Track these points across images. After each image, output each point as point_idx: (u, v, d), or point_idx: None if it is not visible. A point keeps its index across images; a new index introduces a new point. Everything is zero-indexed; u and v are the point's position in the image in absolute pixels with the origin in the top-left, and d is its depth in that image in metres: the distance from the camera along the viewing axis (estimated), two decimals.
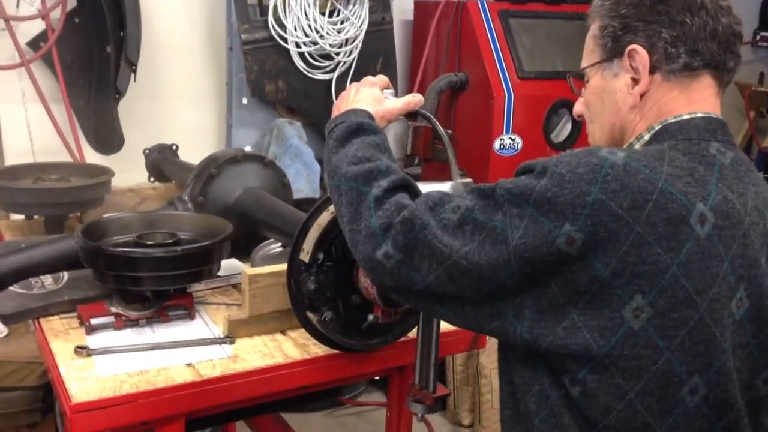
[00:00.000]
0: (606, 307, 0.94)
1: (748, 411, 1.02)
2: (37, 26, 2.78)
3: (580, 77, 1.20)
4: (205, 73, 3.21)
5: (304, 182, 2.86)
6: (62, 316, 1.59)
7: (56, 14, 2.73)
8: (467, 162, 3.22)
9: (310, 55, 3.04)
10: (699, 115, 1.07)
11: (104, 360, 1.41)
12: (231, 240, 1.62)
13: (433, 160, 1.47)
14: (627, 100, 1.10)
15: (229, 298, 1.73)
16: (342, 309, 1.42)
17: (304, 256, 1.38)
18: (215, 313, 1.64)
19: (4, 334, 2.04)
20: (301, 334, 1.53)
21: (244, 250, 1.85)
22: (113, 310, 1.55)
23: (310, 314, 1.41)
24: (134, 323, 1.55)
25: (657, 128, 1.08)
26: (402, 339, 1.51)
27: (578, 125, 3.28)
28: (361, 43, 3.11)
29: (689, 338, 0.94)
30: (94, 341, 1.48)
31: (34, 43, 2.80)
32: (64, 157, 2.78)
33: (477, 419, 3.17)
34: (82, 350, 1.43)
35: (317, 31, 2.99)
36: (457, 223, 1.01)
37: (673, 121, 1.07)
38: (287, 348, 1.51)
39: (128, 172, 2.48)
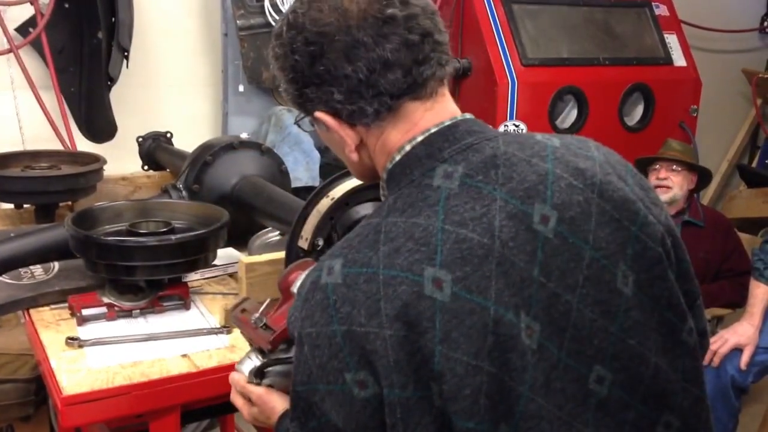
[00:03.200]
0: (420, 419, 0.87)
1: (601, 416, 0.94)
2: (26, 11, 2.73)
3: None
4: (200, 60, 3.17)
5: (303, 170, 2.82)
6: (53, 306, 1.56)
7: None
8: None
9: None
10: (418, 139, 0.97)
11: (96, 351, 1.38)
12: (227, 228, 1.59)
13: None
14: (350, 158, 1.02)
15: (226, 288, 1.70)
16: None
17: (303, 243, 1.35)
18: (211, 303, 1.61)
19: None
20: None
21: (241, 238, 1.82)
22: (105, 300, 1.52)
23: None
24: (127, 314, 1.52)
25: (389, 168, 0.98)
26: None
27: (584, 112, 3.25)
28: None
29: (488, 399, 0.87)
30: (85, 332, 1.45)
31: (23, 29, 2.75)
32: (55, 146, 2.74)
33: None
34: (73, 341, 1.40)
35: None
36: None
37: (397, 160, 0.97)
38: None
39: (121, 160, 2.46)
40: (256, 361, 1.13)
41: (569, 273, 0.93)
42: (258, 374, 1.12)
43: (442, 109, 0.99)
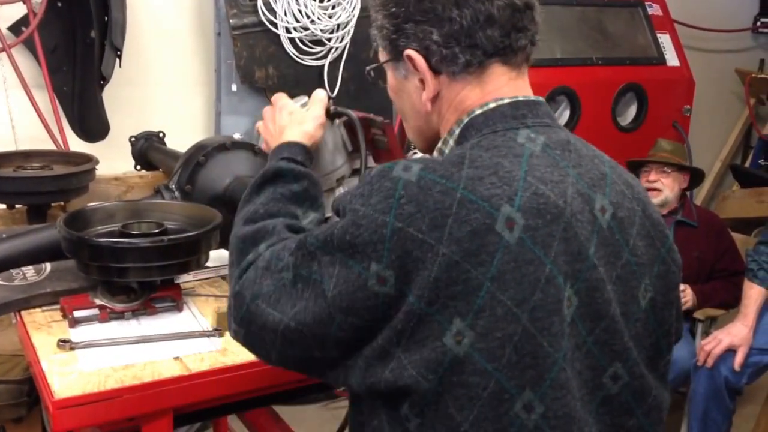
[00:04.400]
0: (428, 339, 0.87)
1: (600, 412, 0.95)
2: (19, 10, 2.71)
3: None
4: (192, 59, 3.16)
5: None
6: (44, 308, 1.54)
7: None
8: None
9: (301, 41, 2.99)
10: (505, 101, 1.00)
11: (88, 354, 1.37)
12: (220, 230, 1.58)
13: (377, 148, 1.42)
14: (421, 105, 1.04)
15: (219, 290, 1.69)
16: None
17: None
18: (204, 305, 1.60)
19: None
20: None
21: None
22: (97, 302, 1.51)
23: None
24: (119, 316, 1.51)
25: (465, 121, 1.01)
26: None
27: (576, 112, 3.26)
28: (353, 28, 3.06)
29: (515, 353, 0.86)
30: (77, 334, 1.44)
31: (16, 28, 2.74)
32: (48, 145, 2.73)
33: None
34: (65, 344, 1.38)
35: (308, 16, 2.94)
36: (291, 282, 0.95)
37: (479, 112, 1.00)
38: None
39: (114, 160, 2.44)
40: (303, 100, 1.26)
41: (610, 266, 0.95)
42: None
43: (524, 85, 1.03)
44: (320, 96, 1.30)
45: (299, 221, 1.10)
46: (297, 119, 1.25)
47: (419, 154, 1.19)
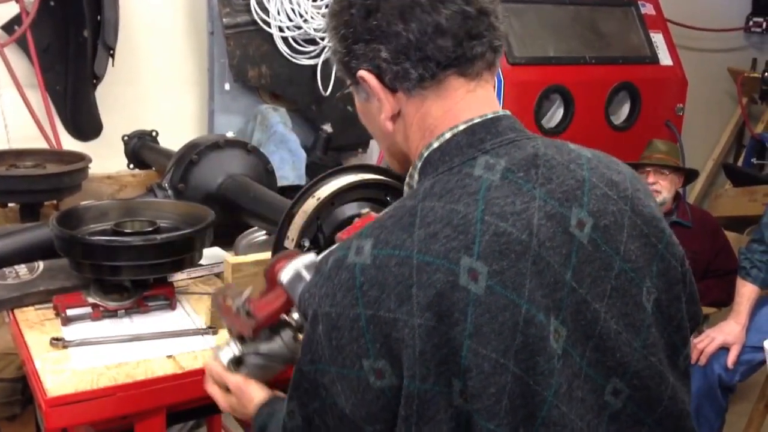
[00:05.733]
0: (438, 413, 0.85)
1: (613, 430, 0.93)
2: (11, 9, 2.70)
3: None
4: (185, 58, 3.15)
5: (290, 169, 2.81)
6: (37, 306, 1.54)
7: None
8: None
9: (294, 40, 2.99)
10: (460, 128, 0.95)
11: (81, 352, 1.37)
12: (213, 228, 1.59)
13: None
14: (385, 127, 0.99)
15: (212, 288, 1.68)
16: None
17: (289, 244, 1.34)
18: (197, 303, 1.60)
19: None
20: None
21: (227, 238, 1.81)
22: (90, 300, 1.51)
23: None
24: (112, 314, 1.51)
25: (423, 159, 0.97)
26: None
27: (570, 111, 3.26)
28: None
29: (510, 402, 0.84)
30: (70, 333, 1.44)
31: (8, 27, 2.72)
32: (41, 144, 2.72)
33: None
34: (57, 342, 1.39)
35: (301, 15, 2.93)
36: (305, 424, 0.93)
37: (435, 146, 0.95)
38: None
39: (107, 159, 2.44)
40: (235, 349, 1.12)
41: (599, 281, 0.92)
42: (236, 362, 1.10)
43: (484, 97, 0.97)
44: (212, 363, 1.17)
45: None
46: (239, 404, 1.15)
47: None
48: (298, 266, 1.07)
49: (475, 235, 0.85)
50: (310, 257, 1.09)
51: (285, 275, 1.06)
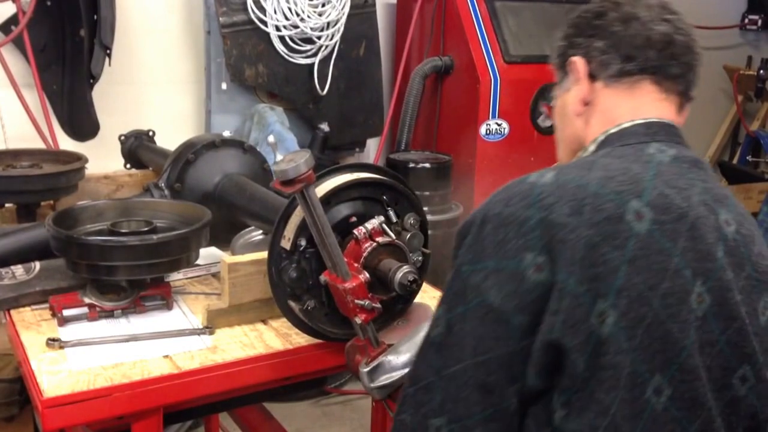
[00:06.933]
0: (576, 320, 0.92)
1: (726, 412, 0.98)
2: (8, 9, 2.70)
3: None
4: (182, 58, 3.15)
5: None
6: (34, 307, 1.54)
7: None
8: (454, 147, 3.19)
9: (291, 39, 2.99)
10: (638, 121, 1.09)
11: (77, 352, 1.37)
12: (210, 227, 1.59)
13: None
14: (574, 108, 1.15)
15: (209, 288, 1.69)
16: (325, 297, 1.38)
17: (285, 243, 1.34)
18: (194, 303, 1.60)
19: None
20: (282, 324, 1.49)
21: (224, 237, 1.81)
22: (87, 300, 1.51)
23: (291, 303, 1.38)
24: (109, 314, 1.51)
25: (600, 139, 1.11)
26: (386, 328, 1.47)
27: None
28: (343, 26, 3.06)
29: (647, 336, 0.92)
30: (66, 333, 1.44)
31: (5, 27, 2.72)
32: (37, 144, 2.72)
33: None
34: (54, 342, 1.38)
35: (298, 14, 2.93)
36: (445, 330, 0.99)
37: (614, 131, 1.10)
38: (269, 338, 1.47)
39: (104, 158, 2.43)
40: None
41: (736, 276, 1.01)
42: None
43: (667, 109, 1.12)
44: None
45: None
46: None
47: None
48: None
49: (645, 188, 0.97)
50: None
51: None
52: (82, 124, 2.82)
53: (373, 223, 1.34)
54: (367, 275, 1.30)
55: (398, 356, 1.25)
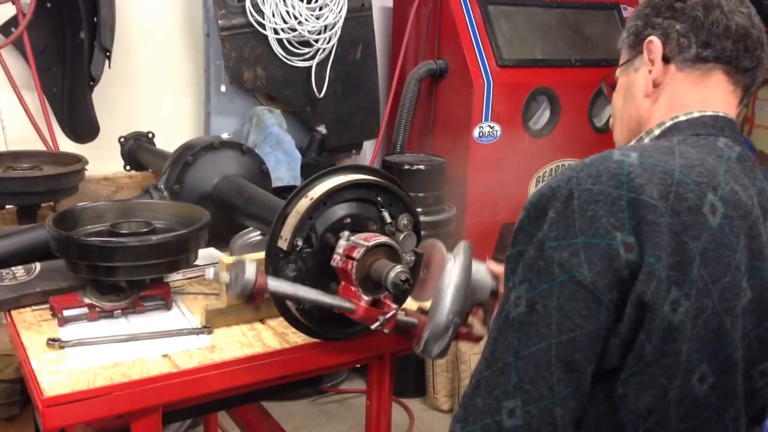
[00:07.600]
0: (657, 306, 0.93)
1: (744, 402, 1.03)
2: (8, 11, 2.71)
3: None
4: (182, 60, 3.16)
5: (285, 170, 2.83)
6: (34, 307, 1.56)
7: None
8: (448, 150, 3.21)
9: (289, 42, 3.01)
10: (708, 113, 1.11)
11: (77, 352, 1.38)
12: (209, 228, 1.60)
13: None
14: (644, 89, 1.16)
15: (207, 288, 1.70)
16: None
17: (283, 244, 1.35)
18: (192, 303, 1.62)
19: None
20: (280, 323, 1.50)
21: (222, 238, 1.83)
22: (87, 301, 1.52)
23: (289, 303, 1.39)
24: (109, 314, 1.52)
25: (668, 125, 1.12)
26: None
27: (556, 113, 3.29)
28: (340, 29, 3.07)
29: (704, 326, 0.95)
30: (66, 333, 1.45)
31: (5, 29, 2.74)
32: (37, 146, 2.72)
33: (456, 404, 3.17)
34: (54, 343, 1.39)
35: (296, 17, 2.95)
36: (527, 310, 0.97)
37: (683, 118, 1.12)
38: (266, 337, 1.49)
39: (103, 160, 2.45)
40: None
41: None
42: None
43: (733, 104, 1.15)
44: None
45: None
46: None
47: None
48: None
49: (720, 182, 1.00)
50: None
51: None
52: (82, 126, 2.83)
53: (342, 245, 1.34)
54: (368, 298, 1.32)
55: (436, 325, 1.23)
